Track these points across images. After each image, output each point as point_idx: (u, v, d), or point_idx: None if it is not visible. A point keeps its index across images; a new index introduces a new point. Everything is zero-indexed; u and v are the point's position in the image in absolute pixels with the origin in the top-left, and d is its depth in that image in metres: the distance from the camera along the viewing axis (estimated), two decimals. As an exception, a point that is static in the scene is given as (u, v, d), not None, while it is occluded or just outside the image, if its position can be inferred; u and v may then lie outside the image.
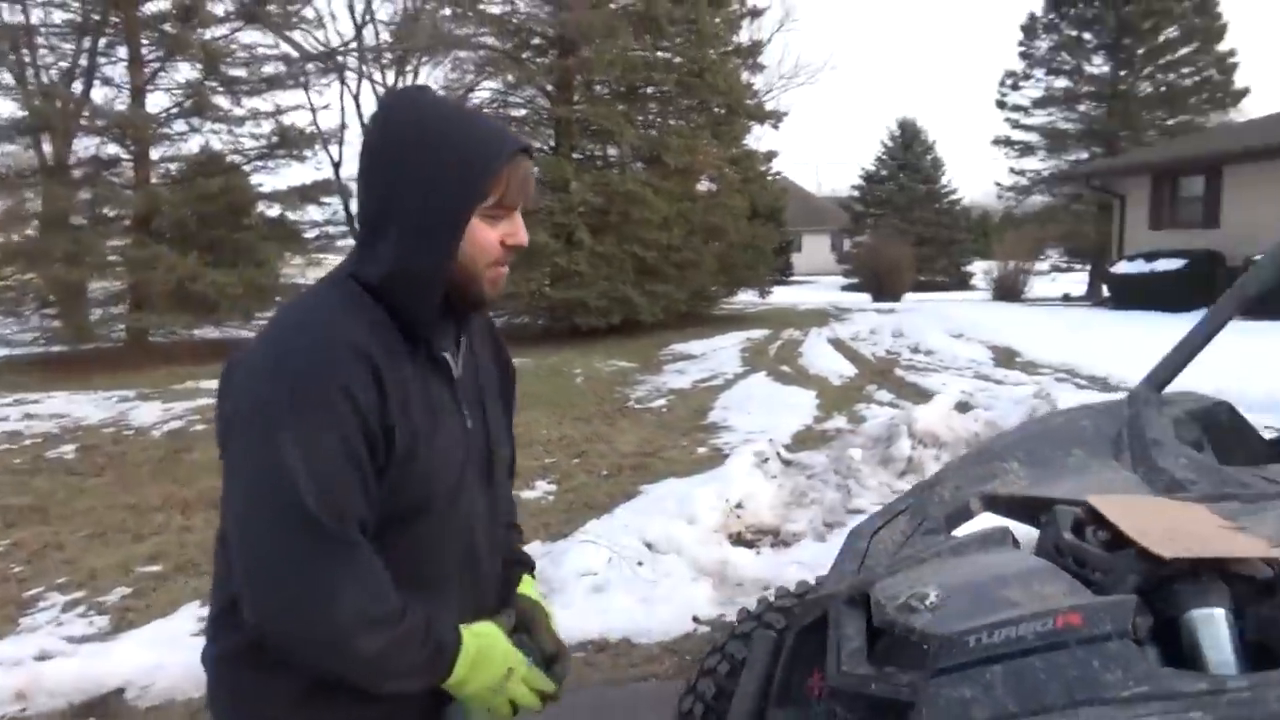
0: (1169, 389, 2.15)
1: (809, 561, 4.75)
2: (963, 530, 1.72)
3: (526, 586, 1.49)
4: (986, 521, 1.73)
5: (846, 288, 33.87)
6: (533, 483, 6.56)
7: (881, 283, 27.56)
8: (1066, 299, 24.22)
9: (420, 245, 1.19)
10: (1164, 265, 16.58)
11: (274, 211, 18.20)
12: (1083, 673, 1.13)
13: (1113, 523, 1.37)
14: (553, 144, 19.44)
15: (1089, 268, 29.13)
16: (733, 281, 21.55)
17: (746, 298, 25.02)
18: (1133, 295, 17.00)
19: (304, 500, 1.08)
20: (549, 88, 19.38)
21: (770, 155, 22.18)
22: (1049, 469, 1.84)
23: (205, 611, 1.47)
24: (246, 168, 17.86)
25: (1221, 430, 2.02)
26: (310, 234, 18.82)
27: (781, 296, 27.74)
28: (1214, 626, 1.19)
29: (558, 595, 4.52)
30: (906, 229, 34.35)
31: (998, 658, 1.18)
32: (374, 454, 1.14)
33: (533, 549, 5.17)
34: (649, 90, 19.69)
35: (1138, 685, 1.10)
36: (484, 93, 20.34)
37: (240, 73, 17.65)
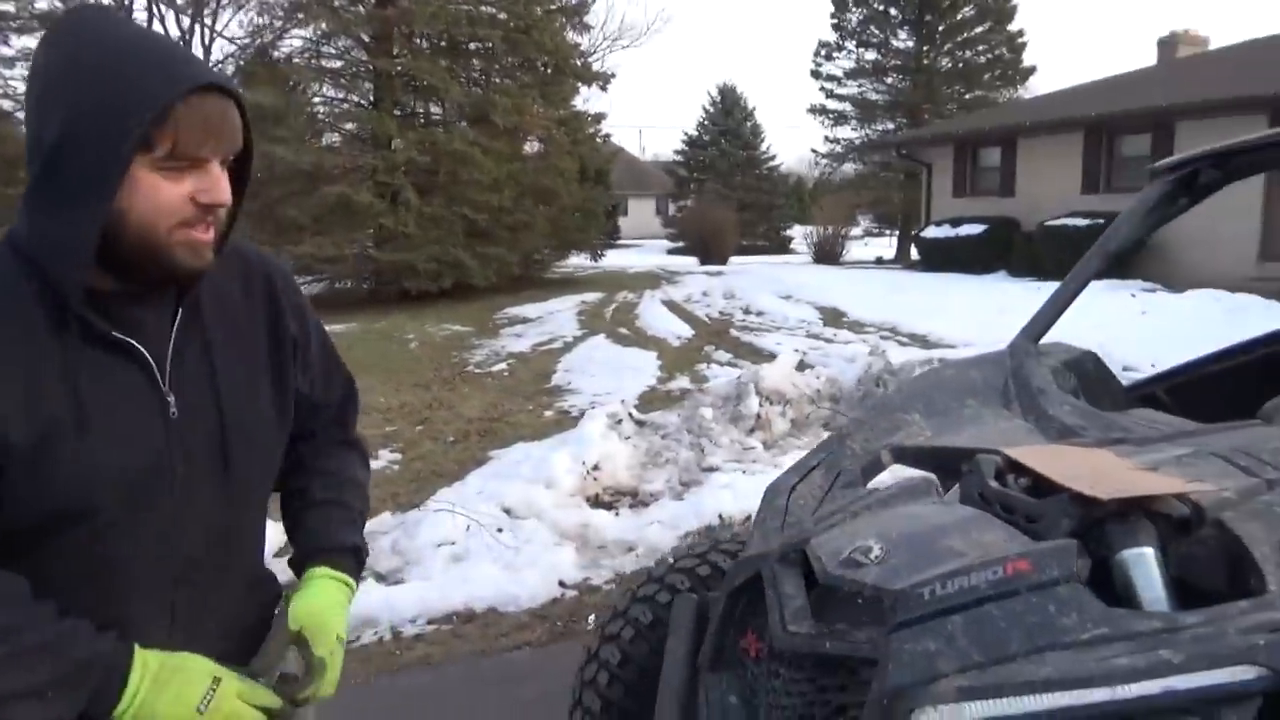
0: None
1: (668, 521, 4.80)
2: (875, 481, 1.73)
3: (312, 584, 1.24)
4: (898, 472, 1.75)
5: (672, 251, 34.36)
6: (376, 452, 6.27)
7: (708, 246, 28.14)
8: (879, 262, 25.62)
9: (56, 203, 0.99)
10: (967, 230, 17.81)
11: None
12: (1040, 618, 1.15)
13: (1036, 470, 1.41)
14: (372, 99, 18.56)
15: (896, 232, 30.95)
16: (564, 244, 21.40)
17: (577, 261, 24.95)
18: (940, 258, 18.18)
19: None
20: (367, 39, 18.42)
21: (599, 117, 22.08)
22: (948, 419, 1.89)
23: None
24: (20, 115, 16.04)
25: (1089, 379, 2.14)
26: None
27: (610, 260, 27.84)
28: (1145, 565, 1.24)
29: (415, 567, 4.34)
30: (728, 194, 35.20)
31: (955, 608, 1.18)
32: None
33: (383, 521, 4.94)
34: (473, 46, 19.08)
35: (1095, 628, 1.12)
36: (295, 41, 19.15)
37: (8, 7, 15.80)
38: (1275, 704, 1.00)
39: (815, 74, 32.62)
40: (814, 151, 34.91)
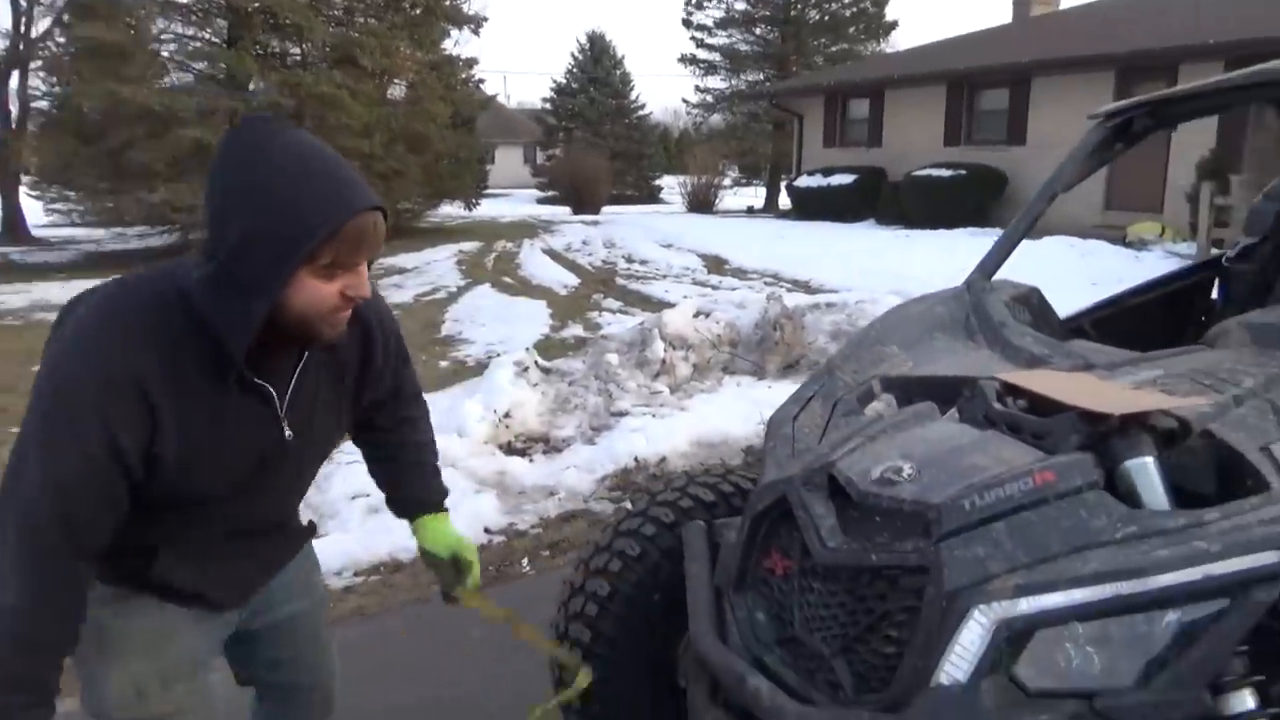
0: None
1: (584, 465, 4.84)
2: (869, 410, 1.81)
3: (434, 523, 1.76)
4: (888, 401, 1.84)
5: (543, 200, 33.98)
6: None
7: (580, 195, 27.97)
8: (750, 211, 26.11)
9: (232, 293, 1.19)
10: (838, 180, 18.36)
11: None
12: (1073, 522, 1.25)
13: (1041, 393, 1.51)
14: (227, 37, 17.42)
15: (765, 182, 31.54)
16: (437, 193, 20.85)
17: (447, 210, 24.35)
18: (812, 207, 18.70)
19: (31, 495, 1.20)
20: (220, -29, 17.21)
21: (471, 62, 21.47)
22: (922, 351, 1.99)
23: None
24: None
25: (1035, 312, 2.28)
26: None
27: (481, 210, 27.32)
28: (1148, 473, 1.36)
29: (330, 520, 4.24)
30: (598, 143, 34.99)
31: (995, 516, 1.27)
32: (123, 474, 1.23)
33: (289, 477, 4.79)
34: (337, -18, 18.16)
35: (1125, 527, 1.23)
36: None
37: None
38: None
39: (686, 23, 32.60)
40: (685, 101, 35.04)
